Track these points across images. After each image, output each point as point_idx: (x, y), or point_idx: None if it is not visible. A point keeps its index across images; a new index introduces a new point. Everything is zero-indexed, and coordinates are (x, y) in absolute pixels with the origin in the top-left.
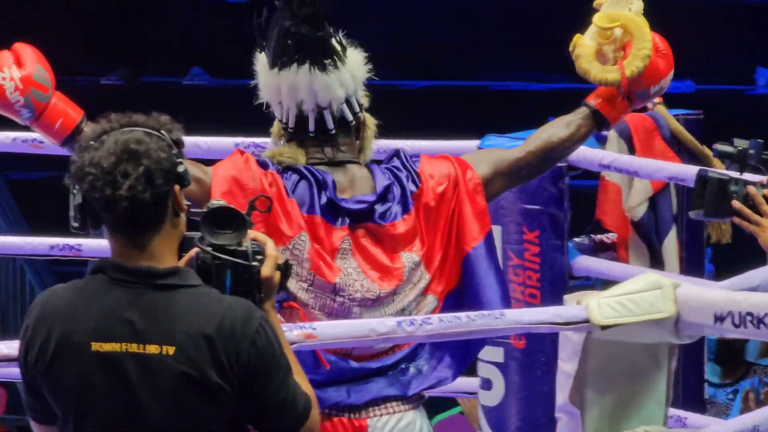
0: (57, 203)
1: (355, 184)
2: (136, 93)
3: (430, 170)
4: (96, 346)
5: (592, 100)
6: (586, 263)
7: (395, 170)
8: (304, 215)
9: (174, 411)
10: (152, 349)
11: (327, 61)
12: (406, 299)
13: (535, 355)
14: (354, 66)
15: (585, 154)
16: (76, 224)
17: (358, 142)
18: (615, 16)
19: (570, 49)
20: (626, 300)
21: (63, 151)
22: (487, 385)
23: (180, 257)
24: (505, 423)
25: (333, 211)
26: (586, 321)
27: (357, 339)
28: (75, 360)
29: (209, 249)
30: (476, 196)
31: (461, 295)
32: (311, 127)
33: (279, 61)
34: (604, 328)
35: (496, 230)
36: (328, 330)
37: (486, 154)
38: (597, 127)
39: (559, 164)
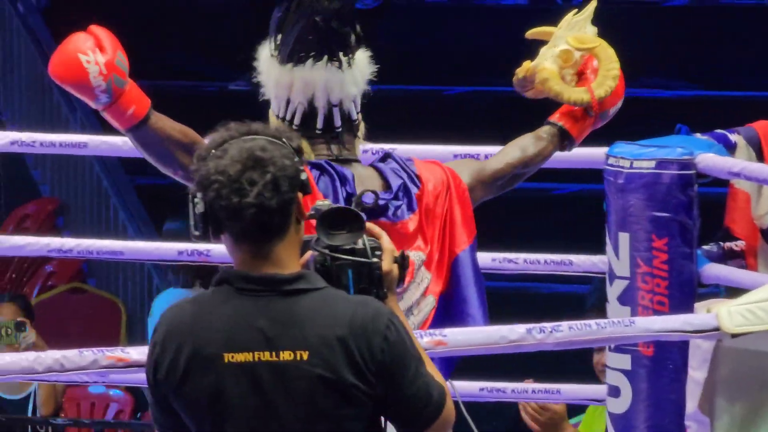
0: (186, 208)
1: (364, 181)
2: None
3: (426, 174)
4: (228, 357)
5: (558, 119)
6: (714, 271)
7: (395, 171)
8: None
9: (311, 415)
10: (286, 355)
11: (344, 58)
12: (412, 297)
13: (663, 362)
14: (362, 65)
15: (715, 161)
16: (197, 233)
17: (356, 141)
18: (587, 39)
19: (520, 75)
20: (756, 308)
21: None
22: (614, 392)
23: None
24: (633, 431)
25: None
26: (717, 329)
27: (487, 346)
28: (208, 373)
29: (326, 251)
30: (465, 201)
31: (448, 296)
32: (319, 124)
33: (296, 57)
34: (734, 336)
35: (624, 237)
36: (459, 337)
37: (467, 163)
38: (560, 146)
39: (687, 172)
